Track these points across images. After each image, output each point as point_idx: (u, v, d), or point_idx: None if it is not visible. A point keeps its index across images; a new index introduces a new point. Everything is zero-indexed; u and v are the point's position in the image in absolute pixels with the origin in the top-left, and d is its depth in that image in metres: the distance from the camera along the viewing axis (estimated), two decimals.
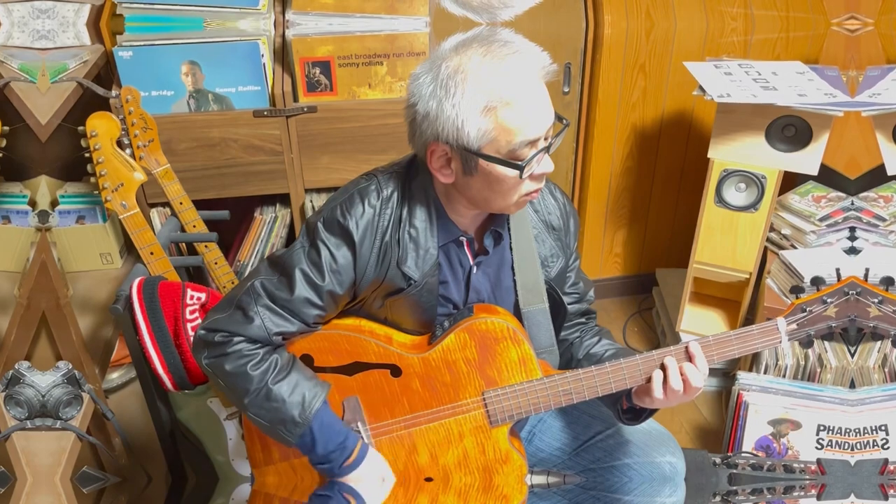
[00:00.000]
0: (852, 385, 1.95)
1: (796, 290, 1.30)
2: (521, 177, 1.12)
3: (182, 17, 1.87)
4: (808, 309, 1.26)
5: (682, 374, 1.21)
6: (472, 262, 1.28)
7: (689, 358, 1.23)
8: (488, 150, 1.11)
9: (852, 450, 1.83)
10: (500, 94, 1.07)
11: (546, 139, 1.14)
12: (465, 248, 1.27)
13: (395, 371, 1.26)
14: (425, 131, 1.13)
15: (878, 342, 1.91)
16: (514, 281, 1.31)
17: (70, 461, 1.35)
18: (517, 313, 1.32)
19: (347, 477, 1.26)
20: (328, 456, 1.24)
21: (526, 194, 1.17)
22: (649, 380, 1.23)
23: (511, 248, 1.30)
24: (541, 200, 1.33)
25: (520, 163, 1.11)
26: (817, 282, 1.29)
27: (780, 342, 1.25)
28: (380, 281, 1.22)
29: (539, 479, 1.48)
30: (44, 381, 1.39)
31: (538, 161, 1.13)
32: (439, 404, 1.27)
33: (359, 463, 1.25)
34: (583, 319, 1.44)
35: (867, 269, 1.34)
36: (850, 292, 1.25)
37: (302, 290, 1.19)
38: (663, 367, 1.22)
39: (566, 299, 1.36)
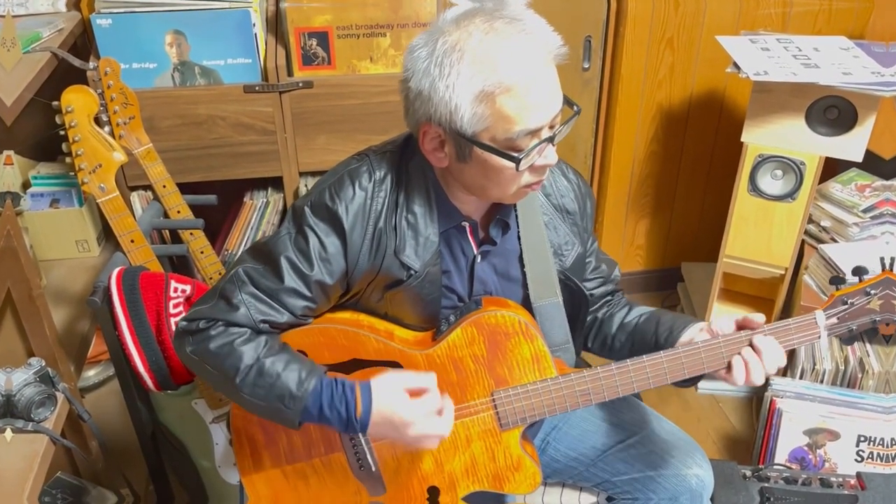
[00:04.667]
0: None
1: (836, 280, 1.29)
2: (517, 169, 1.12)
3: None
4: (849, 301, 1.25)
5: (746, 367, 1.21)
6: (475, 251, 1.28)
7: (756, 352, 1.22)
8: (483, 138, 1.11)
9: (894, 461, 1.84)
10: (498, 79, 1.06)
11: (551, 128, 1.13)
12: (469, 234, 1.27)
13: (397, 369, 1.26)
14: (417, 110, 1.13)
15: None
16: (524, 273, 1.31)
17: (43, 466, 1.35)
18: (528, 308, 1.32)
19: (373, 424, 1.18)
20: (339, 414, 1.18)
21: (526, 186, 1.17)
22: (729, 367, 1.23)
23: (519, 238, 1.30)
24: (552, 183, 1.33)
25: (516, 154, 1.10)
26: (860, 272, 1.29)
27: (819, 337, 1.25)
28: (375, 271, 1.23)
29: (553, 495, 1.49)
30: (14, 379, 1.39)
31: (539, 152, 1.13)
32: None
33: (367, 405, 1.18)
34: (609, 297, 1.45)
35: (893, 259, 1.35)
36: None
37: (289, 279, 1.19)
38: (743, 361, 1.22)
39: (589, 285, 1.37)
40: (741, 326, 1.24)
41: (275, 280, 1.20)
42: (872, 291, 1.26)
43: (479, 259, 1.29)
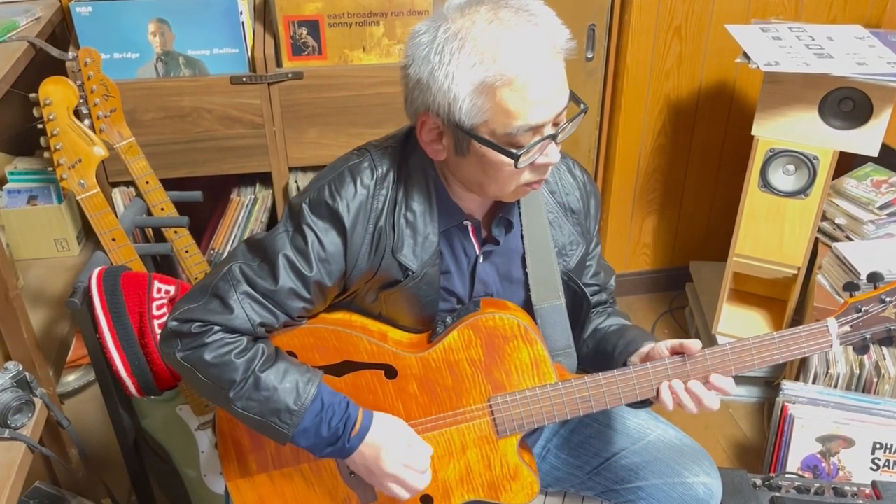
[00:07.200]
0: None
1: (850, 286, 1.30)
2: (516, 166, 1.12)
3: None
4: (863, 309, 1.26)
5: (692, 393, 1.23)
6: (478, 251, 1.29)
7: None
8: (482, 131, 1.11)
9: None
10: (500, 70, 1.07)
11: (556, 125, 1.14)
12: (471, 234, 1.28)
13: (390, 372, 1.27)
14: (416, 99, 1.14)
15: None
16: (526, 274, 1.32)
17: (20, 475, 1.36)
18: (529, 311, 1.33)
19: (361, 451, 1.23)
20: (335, 431, 1.22)
21: (526, 184, 1.18)
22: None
23: (522, 237, 1.31)
24: (557, 180, 1.34)
25: (515, 150, 1.11)
26: (875, 278, 1.29)
27: (831, 346, 1.26)
28: (373, 272, 1.23)
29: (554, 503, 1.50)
30: None
31: (541, 150, 1.13)
32: (439, 411, 1.28)
33: (366, 428, 1.23)
34: (599, 307, 1.46)
35: None
36: None
37: (286, 279, 1.19)
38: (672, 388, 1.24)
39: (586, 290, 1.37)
40: (675, 351, 1.25)
41: (272, 280, 1.19)
42: (888, 299, 1.25)
43: (481, 259, 1.30)
